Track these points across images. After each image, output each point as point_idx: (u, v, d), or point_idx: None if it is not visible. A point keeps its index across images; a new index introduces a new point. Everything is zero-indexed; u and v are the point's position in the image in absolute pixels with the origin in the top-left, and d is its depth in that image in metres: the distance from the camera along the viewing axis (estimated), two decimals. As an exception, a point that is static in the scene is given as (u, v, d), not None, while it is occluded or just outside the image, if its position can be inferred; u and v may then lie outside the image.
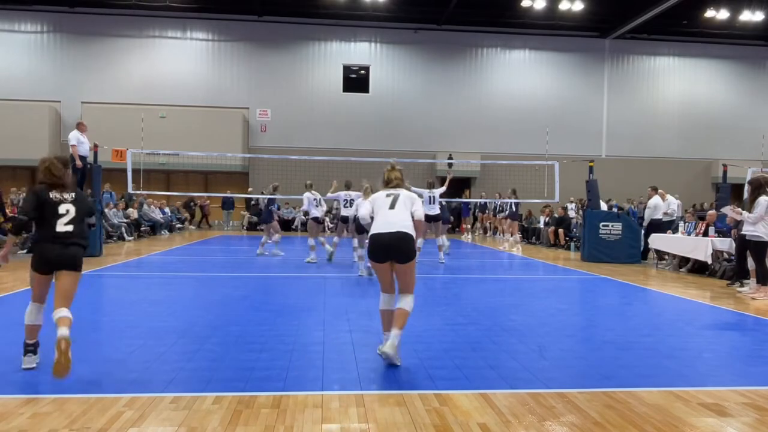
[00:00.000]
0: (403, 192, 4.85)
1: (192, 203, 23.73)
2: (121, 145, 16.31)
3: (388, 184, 4.92)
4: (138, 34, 24.04)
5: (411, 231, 4.54)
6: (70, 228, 4.05)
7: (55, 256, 4.01)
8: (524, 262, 13.18)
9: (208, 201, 23.70)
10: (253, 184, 23.62)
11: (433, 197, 11.65)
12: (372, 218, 4.82)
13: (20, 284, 8.05)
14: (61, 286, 4.07)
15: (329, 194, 11.76)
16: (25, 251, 12.44)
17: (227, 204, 23.26)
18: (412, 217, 4.65)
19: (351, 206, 10.86)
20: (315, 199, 11.89)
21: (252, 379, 3.98)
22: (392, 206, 4.66)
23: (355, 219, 9.93)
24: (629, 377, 4.21)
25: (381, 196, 4.83)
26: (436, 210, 11.63)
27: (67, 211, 4.06)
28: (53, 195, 4.05)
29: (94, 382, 3.86)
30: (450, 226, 25.00)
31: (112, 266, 10.41)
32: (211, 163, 21.93)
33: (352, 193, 11.10)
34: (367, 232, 5.73)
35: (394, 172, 4.94)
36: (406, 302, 4.47)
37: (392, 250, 4.48)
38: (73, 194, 4.14)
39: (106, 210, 15.63)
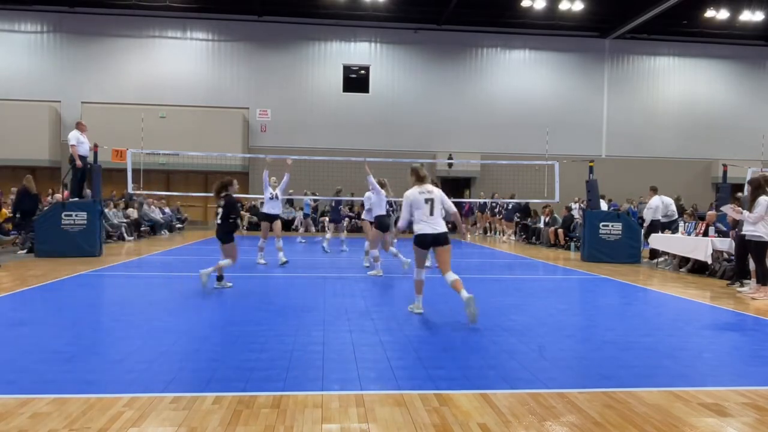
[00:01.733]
0: (435, 192, 6.24)
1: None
2: (121, 145, 16.32)
3: (422, 180, 6.31)
4: (138, 34, 24.04)
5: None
6: None
7: None
8: (524, 262, 13.18)
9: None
10: (253, 184, 23.62)
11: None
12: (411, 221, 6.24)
13: (20, 284, 8.06)
14: None
15: (264, 175, 11.41)
16: (25, 251, 12.46)
17: None
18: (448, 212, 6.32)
19: (276, 199, 11.16)
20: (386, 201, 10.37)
21: (252, 379, 3.98)
22: (432, 212, 6.14)
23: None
24: (629, 377, 4.21)
25: (419, 199, 6.18)
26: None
27: None
28: None
29: (94, 382, 3.86)
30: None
31: (112, 266, 10.41)
32: (211, 163, 21.93)
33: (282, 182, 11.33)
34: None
35: (423, 170, 6.37)
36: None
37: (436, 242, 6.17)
38: None
39: (106, 210, 15.64)
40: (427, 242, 6.16)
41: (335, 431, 3.18)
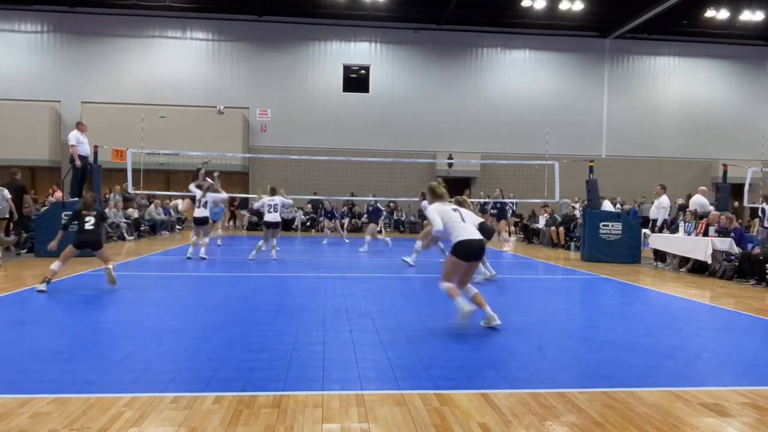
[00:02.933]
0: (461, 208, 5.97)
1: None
2: (121, 145, 16.32)
3: (442, 197, 5.95)
4: (138, 34, 24.05)
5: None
6: None
7: None
8: (524, 262, 13.17)
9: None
10: (253, 184, 23.62)
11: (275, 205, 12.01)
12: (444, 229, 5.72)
13: (20, 284, 8.06)
14: None
15: (255, 204, 12.25)
16: (25, 251, 12.44)
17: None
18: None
19: (275, 211, 11.84)
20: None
21: (252, 379, 3.98)
22: (464, 220, 5.75)
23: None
24: (629, 377, 4.21)
25: (448, 210, 5.76)
26: None
27: None
28: None
29: (94, 382, 3.86)
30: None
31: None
32: (212, 163, 21.91)
33: (276, 199, 12.01)
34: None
35: (442, 187, 6.05)
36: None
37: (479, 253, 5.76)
38: None
39: (106, 210, 15.63)
40: (473, 251, 5.58)
41: (335, 431, 3.18)
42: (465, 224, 5.66)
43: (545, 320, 6.30)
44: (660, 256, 12.44)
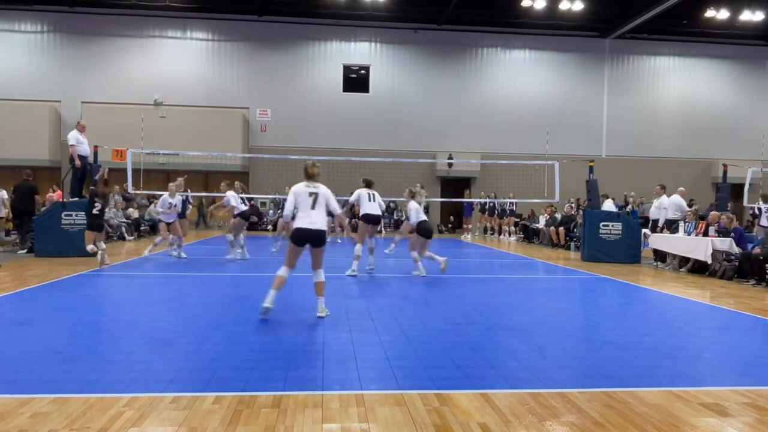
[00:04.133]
0: (321, 189, 6.02)
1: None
2: (121, 145, 16.31)
3: (311, 178, 6.07)
4: (138, 34, 24.05)
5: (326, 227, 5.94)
6: None
7: None
8: (524, 262, 13.17)
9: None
10: (254, 184, 23.62)
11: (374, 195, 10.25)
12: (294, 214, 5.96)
13: (20, 284, 8.06)
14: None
15: (351, 198, 11.23)
16: (25, 251, 12.45)
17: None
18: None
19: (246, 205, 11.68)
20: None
21: (252, 379, 3.98)
22: (313, 206, 5.90)
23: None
24: (629, 377, 4.21)
25: (303, 192, 5.98)
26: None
27: None
28: None
29: (94, 382, 3.86)
30: (450, 226, 25.11)
31: (112, 266, 10.41)
32: (211, 163, 21.95)
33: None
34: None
35: (315, 168, 6.10)
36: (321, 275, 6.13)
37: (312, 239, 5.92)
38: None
39: (106, 210, 15.63)
40: (303, 238, 5.94)
41: (335, 431, 3.18)
42: (310, 212, 5.90)
43: (545, 320, 6.30)
44: (660, 255, 12.44)
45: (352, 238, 9.13)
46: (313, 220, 5.91)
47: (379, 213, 10.16)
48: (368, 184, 10.25)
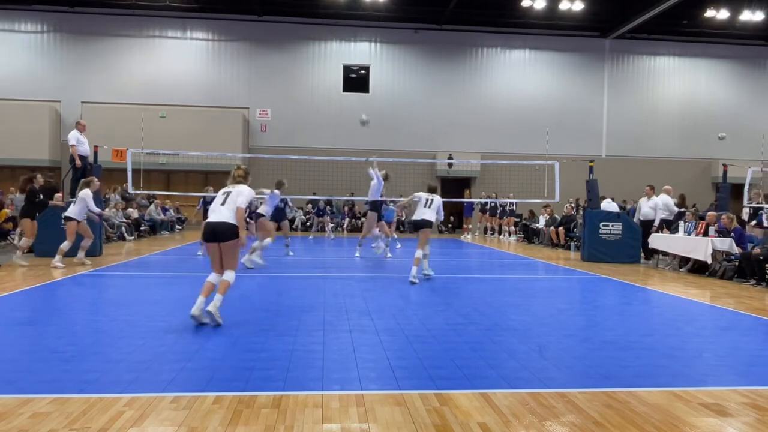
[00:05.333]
0: (236, 188, 6.01)
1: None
2: (121, 145, 16.30)
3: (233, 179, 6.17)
4: (138, 34, 24.05)
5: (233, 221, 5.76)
6: None
7: None
8: (524, 262, 13.17)
9: None
10: (254, 183, 23.59)
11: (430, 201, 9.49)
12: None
13: (21, 284, 8.06)
14: None
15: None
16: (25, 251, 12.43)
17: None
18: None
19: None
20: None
21: (252, 379, 3.98)
22: (222, 203, 5.87)
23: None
24: (629, 377, 4.21)
25: (219, 193, 6.05)
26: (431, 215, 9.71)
27: None
28: None
29: (94, 381, 3.86)
30: (450, 226, 25.11)
31: (112, 266, 10.41)
32: (211, 163, 21.93)
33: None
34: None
35: (238, 170, 6.28)
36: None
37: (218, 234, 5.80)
38: None
39: (106, 210, 15.63)
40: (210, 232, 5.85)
41: (335, 431, 3.18)
42: (219, 207, 5.84)
43: (545, 320, 6.30)
44: (648, 252, 12.55)
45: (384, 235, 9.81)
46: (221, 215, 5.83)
47: (426, 219, 9.18)
48: (431, 190, 9.88)
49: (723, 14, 23.23)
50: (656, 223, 13.11)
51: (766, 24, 24.20)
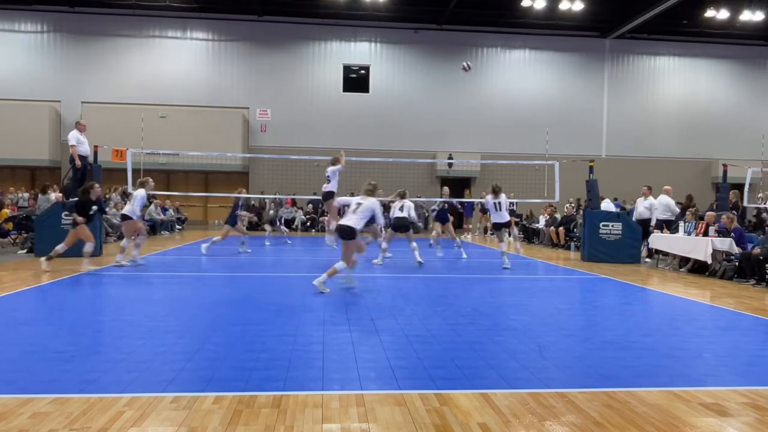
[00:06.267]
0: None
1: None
2: (121, 145, 16.31)
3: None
4: (138, 34, 24.07)
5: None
6: None
7: None
8: (524, 262, 13.17)
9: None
10: (253, 183, 23.62)
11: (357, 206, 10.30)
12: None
13: (20, 284, 8.06)
14: None
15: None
16: (25, 251, 12.45)
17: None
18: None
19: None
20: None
21: (252, 379, 3.98)
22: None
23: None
24: (629, 377, 4.21)
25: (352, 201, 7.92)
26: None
27: None
28: None
29: (94, 381, 3.86)
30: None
31: (112, 266, 10.41)
32: (211, 163, 21.97)
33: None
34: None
35: (368, 186, 8.05)
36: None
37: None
38: None
39: (107, 210, 15.61)
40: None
41: (335, 431, 3.18)
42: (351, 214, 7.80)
43: (545, 320, 6.30)
44: (649, 252, 12.57)
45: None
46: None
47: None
48: (495, 192, 11.26)
49: (723, 14, 23.25)
50: (653, 222, 13.13)
51: (766, 24, 24.21)
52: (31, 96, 23.16)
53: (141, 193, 10.69)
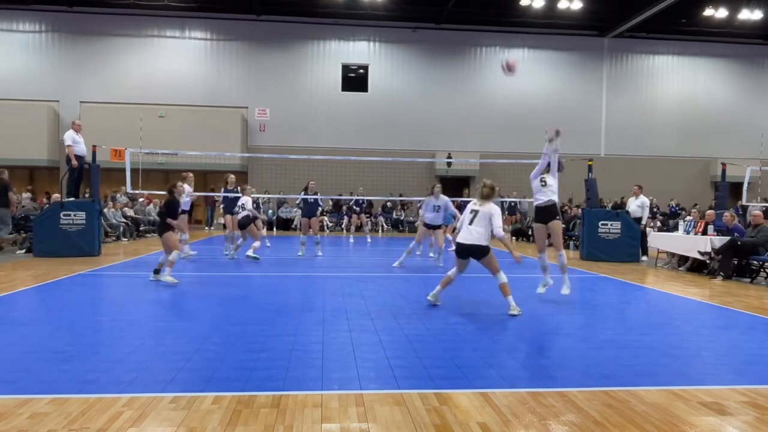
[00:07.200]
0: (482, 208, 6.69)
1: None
2: (120, 145, 16.27)
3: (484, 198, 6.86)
4: (136, 34, 24.03)
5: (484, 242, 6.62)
6: None
7: None
8: (524, 262, 13.16)
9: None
10: (253, 183, 23.58)
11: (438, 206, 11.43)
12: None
13: (19, 284, 8.05)
14: None
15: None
16: (23, 251, 12.43)
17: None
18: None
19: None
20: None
21: (252, 378, 3.97)
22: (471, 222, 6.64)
23: None
24: (629, 376, 4.21)
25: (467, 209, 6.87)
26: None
27: None
28: None
29: (93, 382, 3.86)
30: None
31: (111, 266, 10.40)
32: (210, 163, 21.92)
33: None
34: None
35: (485, 189, 6.92)
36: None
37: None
38: None
39: (105, 210, 15.62)
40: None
41: (335, 431, 3.17)
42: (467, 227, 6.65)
43: (545, 319, 6.30)
44: (644, 249, 12.74)
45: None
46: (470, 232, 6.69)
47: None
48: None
49: (721, 13, 23.26)
50: (644, 221, 13.24)
51: (764, 23, 24.22)
52: (30, 96, 23.11)
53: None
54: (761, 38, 26.05)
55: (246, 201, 11.52)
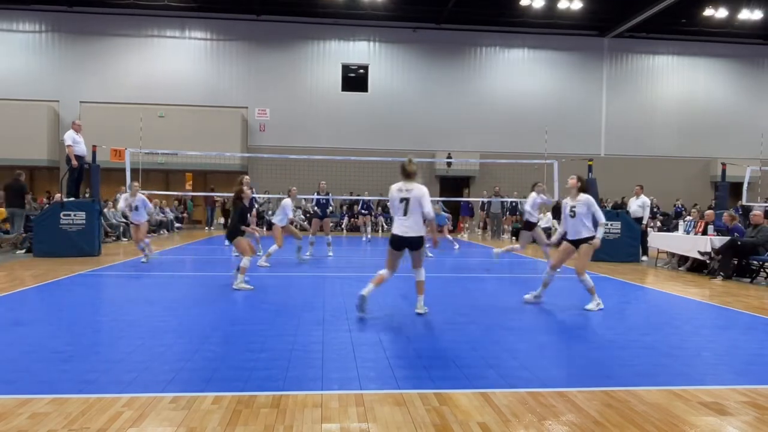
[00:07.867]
0: (414, 192, 6.11)
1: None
2: (120, 145, 16.29)
3: (407, 177, 6.23)
4: (136, 34, 24.03)
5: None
6: None
7: None
8: (524, 262, 13.18)
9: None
10: (252, 183, 23.57)
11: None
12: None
13: (19, 284, 8.05)
14: None
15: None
16: (23, 251, 12.43)
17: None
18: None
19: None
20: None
21: (252, 378, 3.97)
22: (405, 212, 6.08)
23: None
24: (629, 376, 4.21)
25: (395, 197, 6.19)
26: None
27: None
28: None
29: (93, 382, 3.86)
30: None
31: (111, 266, 10.40)
32: (210, 163, 21.93)
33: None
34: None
35: (411, 165, 6.26)
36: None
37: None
38: None
39: (105, 210, 15.63)
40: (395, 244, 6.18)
41: (335, 431, 3.17)
42: (404, 218, 6.15)
43: (545, 319, 6.30)
44: (644, 249, 12.77)
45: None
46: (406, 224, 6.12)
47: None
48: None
49: (721, 13, 23.26)
50: (644, 221, 13.24)
51: (764, 23, 24.22)
52: (30, 96, 23.12)
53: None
54: (761, 38, 26.05)
55: (286, 204, 11.29)
